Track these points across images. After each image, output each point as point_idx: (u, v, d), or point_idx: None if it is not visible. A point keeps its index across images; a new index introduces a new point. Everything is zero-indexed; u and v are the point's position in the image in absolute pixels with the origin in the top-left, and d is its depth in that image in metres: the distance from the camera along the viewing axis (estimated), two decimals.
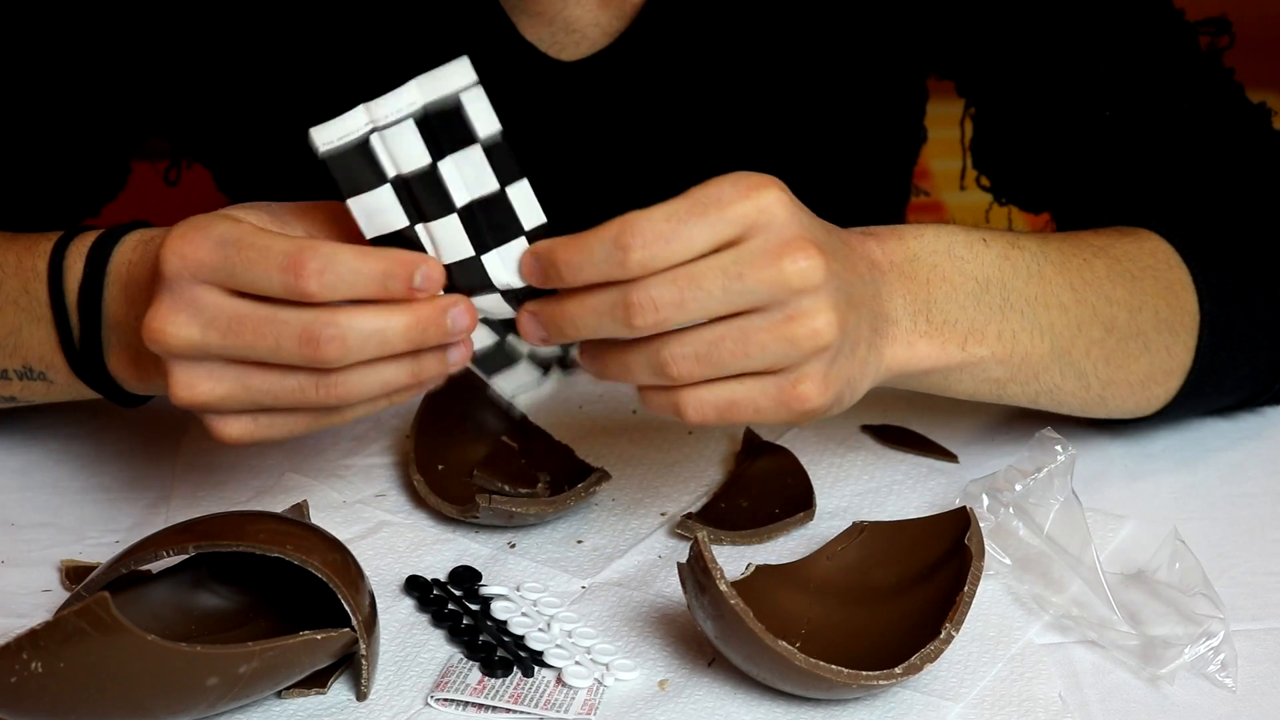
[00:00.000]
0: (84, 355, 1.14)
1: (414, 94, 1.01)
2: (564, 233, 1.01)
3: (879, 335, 1.08)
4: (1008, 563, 1.13)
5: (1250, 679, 1.06)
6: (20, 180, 1.33)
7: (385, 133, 1.01)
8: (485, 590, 1.12)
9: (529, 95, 1.35)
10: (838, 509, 1.20)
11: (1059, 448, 1.13)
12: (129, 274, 1.11)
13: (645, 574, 1.15)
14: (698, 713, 1.04)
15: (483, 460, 1.21)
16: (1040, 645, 1.09)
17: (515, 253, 1.02)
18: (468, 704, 1.04)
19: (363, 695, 1.04)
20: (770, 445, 1.24)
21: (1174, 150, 1.29)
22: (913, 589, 1.07)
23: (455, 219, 1.02)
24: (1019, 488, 1.13)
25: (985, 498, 1.14)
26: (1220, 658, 1.06)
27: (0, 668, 0.96)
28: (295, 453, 1.24)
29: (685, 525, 1.18)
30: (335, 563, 1.02)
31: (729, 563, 1.07)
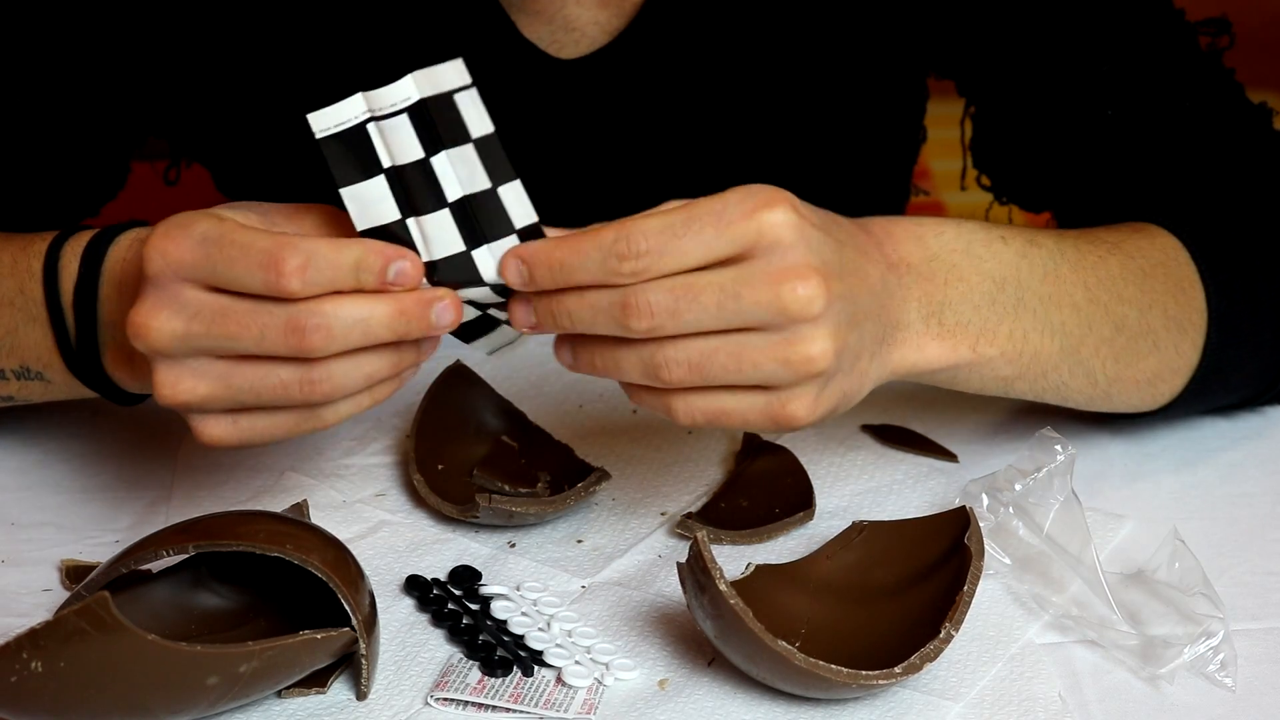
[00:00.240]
0: (80, 355, 1.14)
1: (410, 88, 1.02)
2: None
3: (886, 343, 1.07)
4: (1007, 562, 1.13)
5: (1250, 679, 1.06)
6: (20, 180, 1.33)
7: (382, 123, 1.01)
8: (485, 590, 1.12)
9: (528, 93, 1.35)
10: (837, 509, 1.20)
11: (1059, 447, 1.13)
12: (123, 273, 1.11)
13: (645, 574, 1.14)
14: (697, 712, 1.04)
15: (482, 460, 1.21)
16: (1040, 645, 1.09)
17: (505, 249, 1.03)
18: (468, 703, 1.04)
19: (363, 695, 1.04)
20: (770, 445, 1.24)
21: (1174, 150, 1.29)
22: (912, 588, 1.07)
23: (447, 213, 1.02)
24: (1019, 487, 1.13)
25: (985, 497, 1.14)
26: (1220, 657, 1.06)
27: (0, 667, 0.96)
28: (295, 453, 1.24)
29: (685, 525, 1.17)
30: (335, 562, 1.02)
31: (729, 562, 1.07)
